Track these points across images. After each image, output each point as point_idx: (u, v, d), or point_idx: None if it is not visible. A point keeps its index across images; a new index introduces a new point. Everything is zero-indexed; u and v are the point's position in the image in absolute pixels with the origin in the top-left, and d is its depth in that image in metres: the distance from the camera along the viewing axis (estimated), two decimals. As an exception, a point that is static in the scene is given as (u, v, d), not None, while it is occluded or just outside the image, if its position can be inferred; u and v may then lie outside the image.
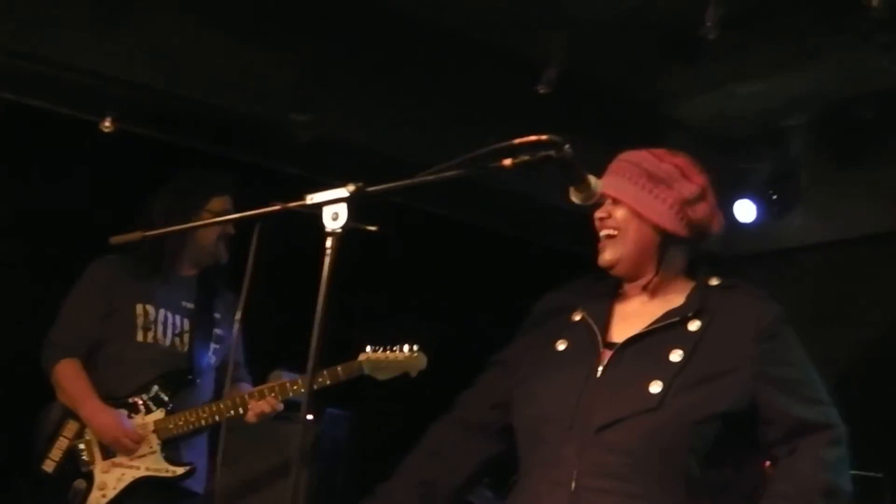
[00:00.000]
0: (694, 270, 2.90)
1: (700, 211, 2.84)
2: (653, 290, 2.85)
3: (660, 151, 2.90)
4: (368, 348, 4.32)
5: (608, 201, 2.86)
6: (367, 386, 4.35)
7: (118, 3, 5.34)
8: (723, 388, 2.64)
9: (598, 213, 2.88)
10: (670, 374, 2.64)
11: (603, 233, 2.88)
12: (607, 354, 2.78)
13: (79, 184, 5.88)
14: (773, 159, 7.04)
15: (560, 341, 2.90)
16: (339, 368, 4.24)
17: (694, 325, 2.74)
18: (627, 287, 2.91)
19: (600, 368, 2.76)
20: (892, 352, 6.59)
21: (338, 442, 5.72)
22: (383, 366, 4.32)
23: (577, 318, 2.90)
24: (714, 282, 2.85)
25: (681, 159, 2.89)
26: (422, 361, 4.35)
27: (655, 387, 2.64)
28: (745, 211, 7.01)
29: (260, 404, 4.21)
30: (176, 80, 5.53)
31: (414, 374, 4.35)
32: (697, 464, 2.61)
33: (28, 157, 5.82)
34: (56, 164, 5.87)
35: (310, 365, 2.36)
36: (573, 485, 2.64)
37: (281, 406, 4.26)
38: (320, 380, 4.17)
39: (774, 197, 6.99)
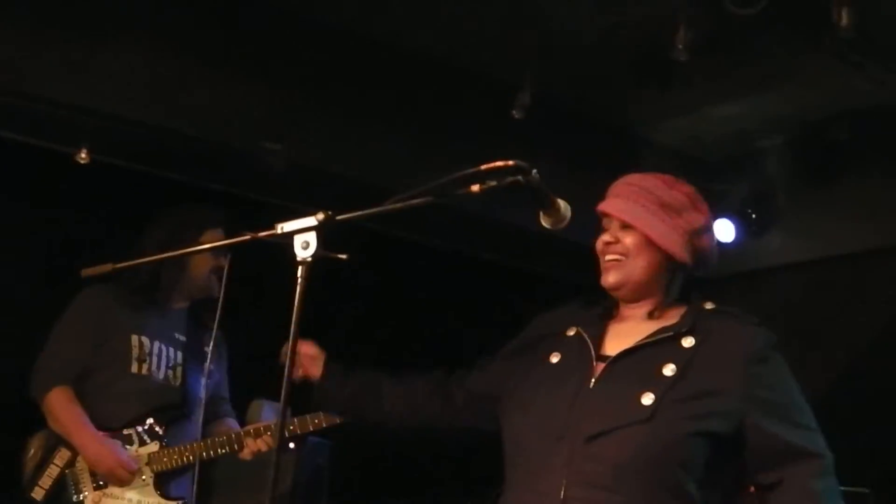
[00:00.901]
0: (686, 295, 2.92)
1: (705, 241, 2.90)
2: (649, 313, 2.87)
3: (669, 178, 2.93)
4: None
5: (614, 224, 2.90)
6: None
7: (92, 35, 5.35)
8: (713, 407, 2.65)
9: (606, 238, 2.90)
10: (663, 388, 2.65)
11: (609, 257, 2.89)
12: (600, 367, 2.80)
13: (55, 215, 5.86)
14: (750, 180, 7.07)
15: (553, 354, 2.93)
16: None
17: (688, 342, 2.75)
18: (625, 309, 2.93)
19: (592, 380, 2.78)
20: (872, 369, 6.62)
21: (319, 470, 5.71)
22: None
23: (572, 333, 2.94)
24: (708, 306, 2.88)
25: (689, 188, 2.93)
26: None
27: (647, 399, 2.65)
28: (723, 231, 7.04)
29: (257, 443, 4.20)
30: (149, 110, 5.54)
31: None
32: (686, 480, 2.62)
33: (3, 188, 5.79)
34: (32, 195, 5.85)
35: (283, 395, 2.36)
36: (561, 495, 2.65)
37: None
38: (316, 421, 4.15)
39: (753, 217, 7.02)
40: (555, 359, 2.91)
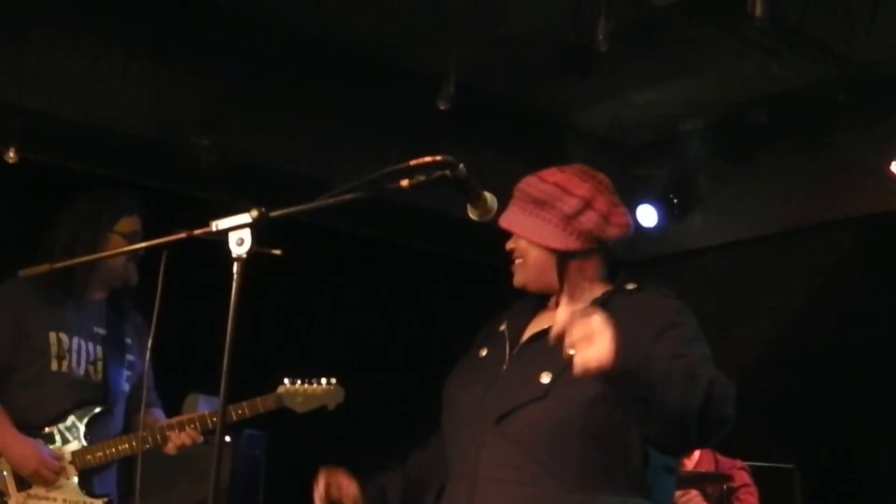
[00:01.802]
0: (615, 276, 2.97)
1: (586, 221, 2.88)
2: (566, 301, 2.91)
3: (547, 171, 2.95)
4: (286, 381, 4.29)
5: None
6: (284, 409, 4.37)
7: (17, 32, 5.33)
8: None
9: (507, 246, 2.97)
10: (561, 366, 2.66)
11: (514, 262, 2.96)
12: (513, 353, 2.89)
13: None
14: (672, 164, 7.18)
15: (482, 349, 3.00)
16: (257, 400, 4.23)
17: None
18: (548, 301, 2.99)
19: (504, 366, 2.86)
20: (795, 346, 6.75)
21: (255, 462, 5.73)
22: (302, 398, 4.31)
23: (501, 328, 3.01)
24: (630, 286, 2.92)
25: (564, 175, 2.93)
26: (340, 395, 4.32)
27: (546, 377, 2.72)
28: (646, 215, 7.15)
29: (180, 436, 4.16)
30: (78, 107, 5.52)
31: (332, 406, 4.33)
32: (590, 449, 2.67)
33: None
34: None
35: (222, 389, 2.41)
36: (475, 476, 2.74)
37: (201, 438, 4.23)
38: (240, 411, 4.16)
39: (675, 200, 7.13)
40: (483, 352, 3.00)
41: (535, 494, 2.67)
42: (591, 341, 2.35)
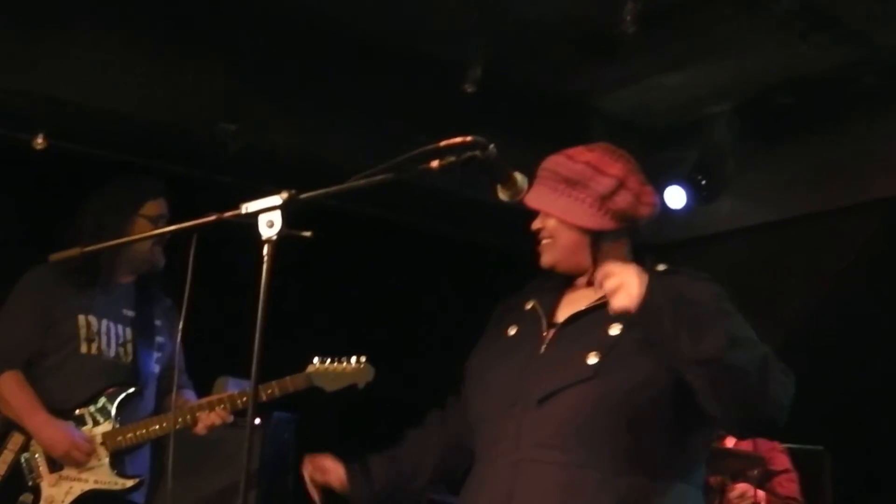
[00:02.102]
0: (641, 259, 2.94)
1: (621, 201, 2.88)
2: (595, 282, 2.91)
3: (575, 150, 2.94)
4: (316, 360, 4.31)
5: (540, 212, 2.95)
6: (314, 390, 4.37)
7: (43, 21, 5.34)
8: (658, 359, 2.66)
9: (533, 226, 2.96)
10: (608, 347, 2.70)
11: (541, 242, 2.96)
12: (551, 333, 2.87)
13: (13, 202, 5.86)
14: (699, 146, 7.15)
15: (511, 327, 2.99)
16: (287, 380, 4.24)
17: None
18: (576, 280, 2.99)
19: (543, 347, 2.84)
20: (823, 329, 6.72)
21: (285, 445, 5.73)
22: (331, 377, 4.32)
23: (529, 305, 2.99)
24: (660, 268, 2.91)
25: (595, 154, 2.93)
26: (369, 373, 4.33)
27: (593, 358, 2.71)
28: (674, 198, 7.11)
29: (210, 416, 4.19)
30: (105, 94, 5.54)
31: (361, 385, 4.34)
32: (636, 433, 2.66)
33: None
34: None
35: (253, 371, 2.41)
36: (515, 456, 2.72)
37: (231, 418, 4.25)
38: (269, 391, 4.19)
39: (702, 183, 7.09)
40: (512, 331, 2.98)
41: (581, 477, 2.66)
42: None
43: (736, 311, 2.76)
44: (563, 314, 2.91)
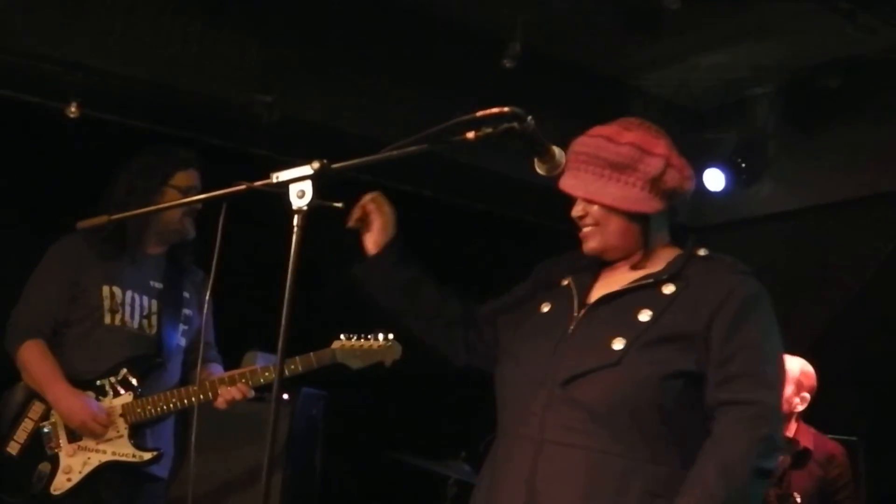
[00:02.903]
0: (682, 239, 2.92)
1: (670, 180, 2.83)
2: (640, 263, 2.86)
3: (613, 130, 2.86)
4: (342, 336, 4.26)
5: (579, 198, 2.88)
6: (341, 367, 4.32)
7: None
8: (684, 349, 2.65)
9: (575, 213, 2.89)
10: (635, 333, 2.66)
11: (584, 229, 2.89)
12: (582, 314, 2.84)
13: (46, 170, 5.84)
14: (740, 128, 7.06)
15: (545, 304, 2.96)
16: (311, 356, 4.19)
17: (668, 289, 2.76)
18: (618, 261, 2.93)
19: (572, 327, 2.81)
20: (863, 316, 6.64)
21: (314, 420, 5.70)
22: (357, 354, 4.26)
23: (565, 282, 2.95)
24: (701, 252, 2.87)
25: (637, 133, 2.85)
26: (396, 351, 4.25)
27: (618, 344, 2.68)
28: (713, 180, 7.03)
29: (230, 391, 4.16)
30: (140, 64, 5.52)
31: (388, 363, 4.28)
32: (660, 421, 2.64)
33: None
34: (23, 151, 5.83)
35: (279, 345, 2.37)
36: (539, 436, 2.70)
37: (252, 393, 4.20)
38: (293, 367, 4.13)
39: (743, 165, 7.01)
40: (545, 308, 2.95)
41: (604, 461, 2.63)
42: None
43: (764, 327, 2.73)
44: (596, 294, 2.87)
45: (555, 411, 2.69)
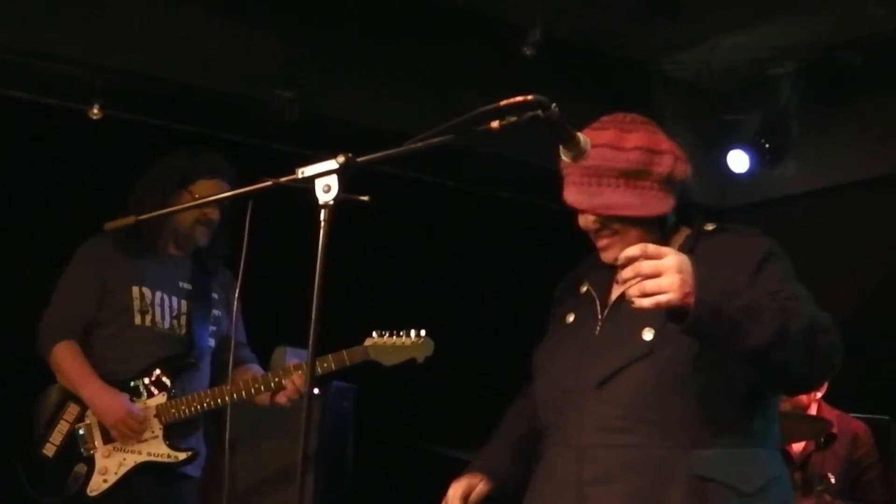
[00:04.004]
0: (689, 218, 2.90)
1: (680, 172, 2.79)
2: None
3: (613, 136, 2.77)
4: (374, 333, 4.24)
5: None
6: (372, 363, 4.33)
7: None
8: None
9: (585, 225, 2.84)
10: (662, 318, 2.58)
11: (600, 242, 2.85)
12: (606, 313, 2.82)
13: (70, 172, 5.86)
14: (764, 109, 7.02)
15: (569, 314, 2.94)
16: (344, 353, 4.19)
17: None
18: None
19: (598, 328, 2.80)
20: (891, 295, 6.60)
21: (345, 414, 5.72)
22: (390, 351, 4.25)
23: (584, 289, 2.94)
24: (709, 227, 2.85)
25: (639, 134, 2.79)
26: (429, 347, 4.22)
27: (648, 334, 2.66)
28: (738, 161, 7.01)
29: (287, 383, 4.15)
30: (160, 62, 5.53)
31: (421, 359, 4.26)
32: (699, 407, 2.61)
33: (18, 147, 5.79)
34: (47, 153, 5.85)
35: (310, 342, 2.36)
36: (581, 442, 2.69)
37: (297, 395, 4.21)
38: (325, 365, 4.13)
39: (766, 146, 6.98)
40: (570, 318, 2.93)
41: (647, 456, 2.61)
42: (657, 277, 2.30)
43: (786, 272, 2.68)
44: (616, 292, 2.84)
45: (590, 415, 2.68)
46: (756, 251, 2.70)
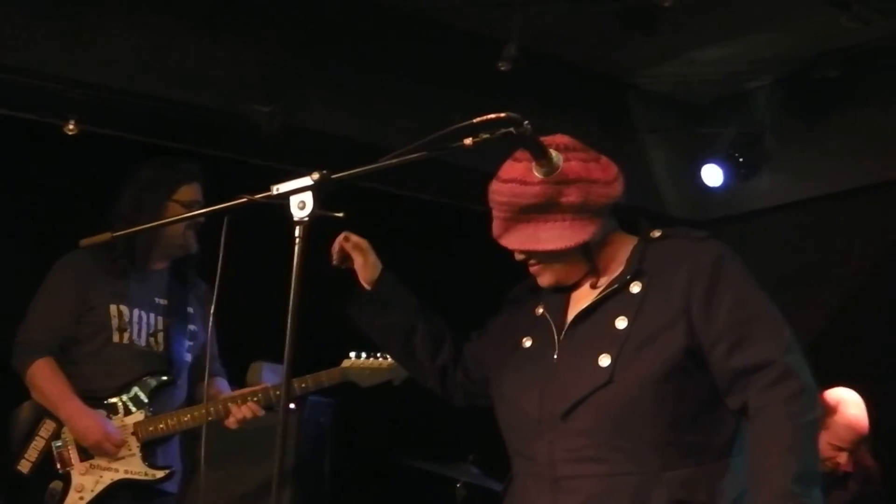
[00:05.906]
0: (636, 225, 2.86)
1: (597, 197, 2.71)
2: (602, 270, 2.81)
3: (523, 169, 2.71)
4: (352, 354, 4.26)
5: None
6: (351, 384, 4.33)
7: (77, 6, 5.32)
8: (671, 340, 2.60)
9: (516, 257, 2.83)
10: (618, 343, 2.61)
11: (531, 269, 2.84)
12: (562, 337, 2.79)
13: (46, 188, 5.84)
14: (739, 122, 7.07)
15: (526, 338, 2.90)
16: (321, 374, 4.21)
17: (636, 287, 2.71)
18: (581, 281, 2.86)
19: (556, 354, 2.76)
20: (865, 308, 6.62)
21: (322, 428, 5.70)
22: (367, 373, 4.27)
23: (539, 311, 2.90)
24: (656, 234, 2.81)
25: (541, 174, 2.70)
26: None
27: (605, 360, 2.63)
28: (712, 175, 7.06)
29: (241, 410, 4.15)
30: (137, 77, 5.51)
31: (397, 382, 4.28)
32: (667, 425, 2.59)
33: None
34: (23, 169, 5.82)
35: (285, 360, 2.37)
36: (553, 475, 2.67)
37: (262, 412, 4.20)
38: (303, 385, 4.16)
39: (741, 160, 7.03)
40: (527, 343, 2.88)
41: (618, 484, 2.60)
42: None
43: (742, 277, 2.68)
44: (571, 314, 2.81)
45: (559, 446, 2.65)
46: (707, 263, 2.66)
